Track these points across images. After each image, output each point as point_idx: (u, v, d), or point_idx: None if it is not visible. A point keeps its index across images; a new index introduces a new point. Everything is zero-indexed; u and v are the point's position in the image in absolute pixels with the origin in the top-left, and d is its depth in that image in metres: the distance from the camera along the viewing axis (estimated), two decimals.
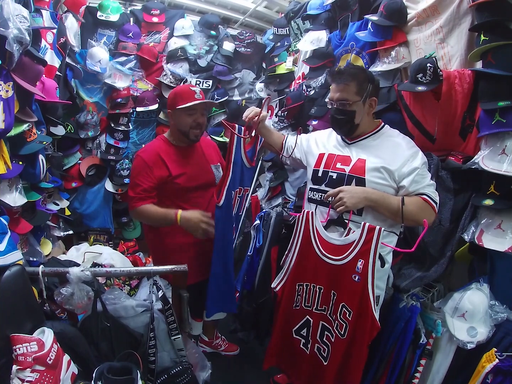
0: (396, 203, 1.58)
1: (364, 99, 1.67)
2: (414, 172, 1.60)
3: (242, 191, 1.98)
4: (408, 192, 1.62)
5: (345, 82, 1.67)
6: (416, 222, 1.65)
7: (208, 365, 2.00)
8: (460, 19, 1.76)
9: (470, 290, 1.69)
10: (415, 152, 1.66)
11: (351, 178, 1.67)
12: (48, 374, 1.27)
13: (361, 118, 1.69)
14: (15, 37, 1.51)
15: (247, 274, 2.89)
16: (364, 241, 1.56)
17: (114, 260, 2.48)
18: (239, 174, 1.89)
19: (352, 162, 1.69)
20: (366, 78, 1.69)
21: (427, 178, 1.64)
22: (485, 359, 1.51)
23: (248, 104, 3.71)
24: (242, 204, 2.05)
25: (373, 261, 1.55)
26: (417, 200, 1.61)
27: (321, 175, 1.78)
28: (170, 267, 1.76)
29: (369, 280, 1.57)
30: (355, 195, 1.60)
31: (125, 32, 3.25)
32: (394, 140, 1.72)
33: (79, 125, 3.12)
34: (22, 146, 1.83)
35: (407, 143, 1.70)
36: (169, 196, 1.98)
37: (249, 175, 2.04)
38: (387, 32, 2.11)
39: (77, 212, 3.22)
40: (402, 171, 1.61)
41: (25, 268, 1.47)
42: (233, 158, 1.82)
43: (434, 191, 1.64)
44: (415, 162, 1.61)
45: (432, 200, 1.61)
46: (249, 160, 1.94)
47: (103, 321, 1.59)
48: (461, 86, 1.72)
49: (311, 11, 2.80)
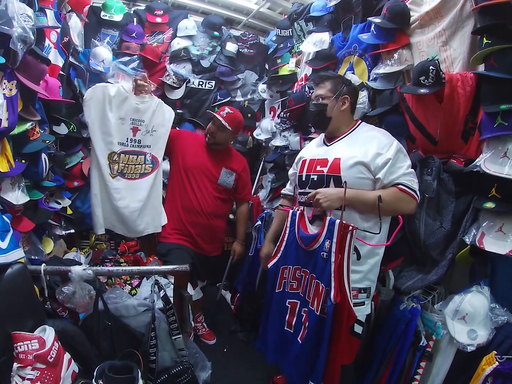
0: (373, 198, 1.64)
1: (337, 96, 1.86)
2: (388, 163, 1.66)
3: (301, 271, 1.83)
4: (384, 185, 1.69)
5: (322, 82, 1.93)
6: (396, 213, 1.71)
7: (208, 365, 2.01)
8: (463, 22, 1.76)
9: (471, 293, 1.69)
10: (388, 142, 1.72)
11: (329, 178, 1.78)
12: (48, 372, 1.27)
13: (333, 113, 1.86)
14: (19, 36, 1.51)
15: (247, 275, 2.90)
16: (339, 236, 1.59)
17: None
18: (293, 252, 1.87)
19: (329, 163, 1.80)
20: (341, 81, 1.91)
21: (403, 167, 1.69)
22: (485, 362, 1.50)
23: (250, 105, 3.71)
24: (303, 285, 1.81)
25: (348, 255, 1.59)
26: (394, 191, 1.67)
27: (305, 179, 1.93)
28: (172, 267, 1.77)
29: (344, 268, 1.59)
30: (329, 196, 1.69)
31: (128, 32, 3.25)
32: (369, 134, 1.83)
33: (82, 124, 3.11)
34: (25, 145, 1.84)
35: (382, 135, 1.79)
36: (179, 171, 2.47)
37: (310, 259, 1.77)
38: (390, 34, 2.11)
39: (79, 211, 3.21)
40: (376, 163, 1.68)
41: (27, 266, 1.48)
42: (286, 236, 1.92)
43: (411, 179, 1.69)
44: (388, 153, 1.68)
45: (409, 188, 1.67)
46: (302, 243, 1.82)
47: (104, 320, 1.60)
48: (463, 89, 1.72)
49: (314, 13, 2.81)
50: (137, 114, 2.29)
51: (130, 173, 2.33)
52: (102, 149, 2.24)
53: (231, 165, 2.55)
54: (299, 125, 2.94)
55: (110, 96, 2.20)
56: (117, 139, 2.26)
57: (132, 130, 2.29)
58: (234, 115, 2.48)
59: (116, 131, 2.25)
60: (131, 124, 2.28)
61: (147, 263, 3.11)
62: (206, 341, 2.87)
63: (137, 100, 2.28)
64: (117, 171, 2.29)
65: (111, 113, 2.22)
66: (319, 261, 1.68)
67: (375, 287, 1.84)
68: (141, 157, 2.34)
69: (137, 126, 2.30)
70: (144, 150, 2.35)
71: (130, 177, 2.33)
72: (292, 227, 1.89)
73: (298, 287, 1.83)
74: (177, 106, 3.46)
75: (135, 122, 2.29)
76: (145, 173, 2.36)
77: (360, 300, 1.75)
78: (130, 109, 2.27)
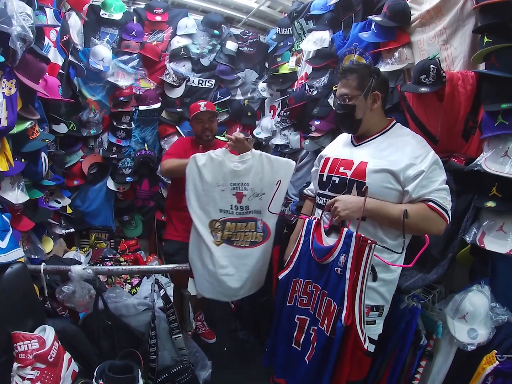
0: (397, 213, 1.46)
1: (366, 93, 1.61)
2: (420, 176, 1.48)
3: (312, 286, 1.65)
4: (412, 199, 1.51)
5: (346, 77, 1.66)
6: (421, 232, 1.50)
7: (208, 364, 2.01)
8: (464, 21, 1.76)
9: (471, 292, 1.69)
10: (424, 152, 1.53)
11: (352, 183, 1.60)
12: (49, 372, 1.27)
13: (363, 114, 1.64)
14: (19, 35, 1.51)
15: None
16: (356, 250, 1.42)
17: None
18: (305, 264, 1.68)
19: (354, 166, 1.62)
20: (368, 73, 1.63)
21: (437, 182, 1.50)
22: (486, 361, 1.51)
23: (250, 103, 3.70)
24: (313, 301, 1.63)
25: (364, 273, 1.42)
26: (422, 208, 1.49)
27: (325, 180, 1.74)
28: (172, 266, 1.77)
29: (358, 288, 1.43)
30: (349, 205, 1.52)
31: (128, 31, 3.24)
32: (403, 139, 1.62)
33: (81, 123, 3.12)
34: (25, 144, 1.83)
35: (417, 142, 1.59)
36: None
37: (322, 273, 1.60)
38: (391, 33, 2.10)
39: (79, 210, 3.22)
40: (407, 174, 1.50)
41: (27, 265, 1.47)
42: (300, 246, 1.72)
43: (443, 196, 1.50)
44: (422, 164, 1.49)
45: (440, 207, 1.48)
46: (315, 255, 1.64)
47: (104, 320, 1.60)
48: (464, 88, 1.72)
49: (315, 11, 2.80)
50: (237, 178, 2.11)
51: (239, 240, 2.16)
52: (201, 218, 2.13)
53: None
54: (299, 123, 2.93)
55: (200, 166, 2.08)
56: (218, 206, 2.13)
57: (236, 196, 2.12)
58: (207, 102, 2.60)
59: (217, 199, 2.12)
60: (233, 189, 2.12)
61: (147, 262, 3.12)
62: (206, 340, 2.85)
63: (236, 161, 2.11)
64: (222, 239, 2.15)
65: (206, 182, 2.09)
66: (332, 276, 1.52)
67: (388, 307, 1.67)
68: (252, 224, 2.17)
69: (241, 191, 2.12)
70: (254, 216, 2.16)
71: (239, 244, 2.17)
72: (307, 237, 1.71)
73: (308, 303, 1.65)
74: (176, 105, 3.45)
75: (237, 187, 2.12)
76: (256, 242, 2.18)
77: (371, 318, 1.60)
78: (228, 174, 2.10)
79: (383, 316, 1.65)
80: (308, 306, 1.65)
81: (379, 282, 1.57)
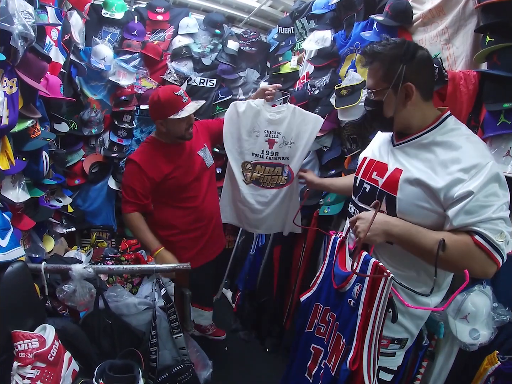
0: (431, 242, 1.14)
1: (395, 85, 1.23)
2: (468, 198, 1.09)
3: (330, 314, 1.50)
4: (453, 227, 1.14)
5: (369, 65, 1.31)
6: (459, 272, 1.11)
7: (209, 364, 2.01)
8: (466, 20, 1.75)
9: (473, 292, 1.67)
10: (479, 163, 1.11)
11: (382, 195, 1.29)
12: (49, 371, 1.27)
13: (394, 110, 1.27)
14: (20, 33, 1.51)
15: (249, 274, 2.90)
16: (371, 282, 1.23)
17: None
18: (326, 289, 1.55)
19: (387, 173, 1.30)
20: (396, 56, 1.23)
21: (492, 207, 1.09)
22: (487, 362, 1.51)
23: None
24: (329, 332, 1.49)
25: (377, 309, 1.20)
26: (464, 241, 1.12)
27: (358, 185, 1.45)
28: (173, 265, 1.76)
29: (369, 328, 1.23)
30: (373, 226, 1.21)
31: (129, 30, 3.24)
32: (454, 140, 1.20)
33: (82, 122, 3.12)
34: (26, 143, 1.83)
35: (472, 147, 1.17)
36: (165, 199, 2.14)
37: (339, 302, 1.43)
38: (393, 32, 2.09)
39: (80, 209, 3.22)
40: (451, 193, 1.12)
41: (28, 264, 1.47)
42: (325, 267, 1.60)
43: (498, 230, 1.10)
44: (474, 181, 1.09)
45: (490, 244, 1.09)
46: (334, 280, 1.50)
47: (105, 319, 1.60)
48: (466, 87, 1.71)
49: (316, 11, 2.79)
50: (271, 126, 2.27)
51: (266, 182, 2.35)
52: (236, 158, 2.33)
53: (197, 145, 2.24)
54: None
55: (239, 112, 2.25)
56: (252, 150, 2.30)
57: (268, 143, 2.29)
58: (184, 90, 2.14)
59: (251, 144, 2.29)
60: (266, 136, 2.28)
61: (148, 261, 3.12)
62: (218, 338, 2.85)
63: (272, 111, 2.27)
64: (251, 179, 2.34)
65: (243, 128, 2.27)
66: (345, 308, 1.33)
67: (413, 341, 1.44)
68: (279, 169, 2.32)
69: (273, 139, 2.28)
70: (282, 162, 2.31)
71: (265, 186, 2.35)
72: (331, 258, 1.51)
73: (325, 332, 1.48)
74: None
75: (270, 134, 2.27)
76: (280, 184, 2.34)
77: (390, 350, 1.39)
78: (264, 122, 2.26)
79: (404, 349, 1.42)
80: (324, 336, 1.49)
81: (405, 314, 1.33)
